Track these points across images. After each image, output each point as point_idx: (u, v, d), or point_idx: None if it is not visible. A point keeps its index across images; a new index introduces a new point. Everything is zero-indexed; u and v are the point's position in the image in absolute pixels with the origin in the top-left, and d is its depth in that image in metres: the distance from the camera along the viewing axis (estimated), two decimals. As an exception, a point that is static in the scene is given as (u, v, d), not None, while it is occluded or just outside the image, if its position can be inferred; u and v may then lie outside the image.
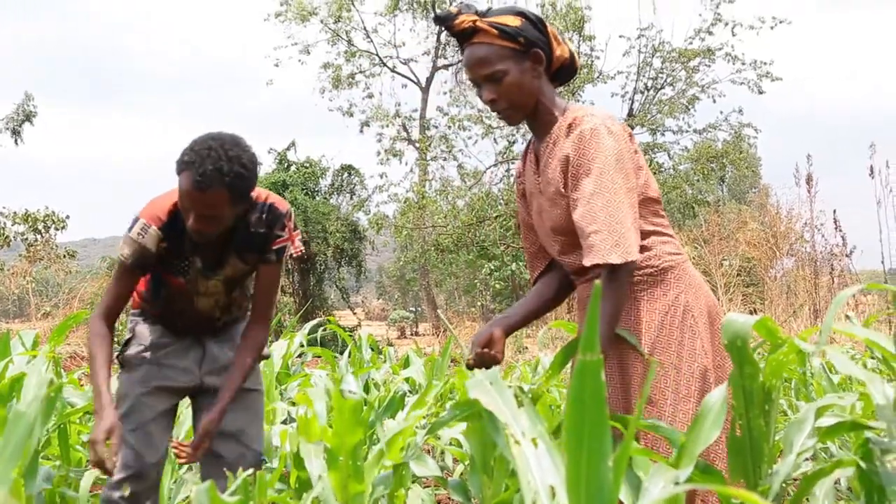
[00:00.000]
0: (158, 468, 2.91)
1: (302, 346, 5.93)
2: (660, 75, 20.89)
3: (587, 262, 2.17)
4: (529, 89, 2.34)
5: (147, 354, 2.95)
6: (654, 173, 20.50)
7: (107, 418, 2.57)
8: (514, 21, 2.32)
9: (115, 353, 2.94)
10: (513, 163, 22.24)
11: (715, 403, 1.91)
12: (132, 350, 2.96)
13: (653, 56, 20.59)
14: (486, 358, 2.39)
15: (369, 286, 46.34)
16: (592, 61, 20.79)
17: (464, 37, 2.37)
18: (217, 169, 2.51)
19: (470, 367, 2.43)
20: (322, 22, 26.17)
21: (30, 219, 21.36)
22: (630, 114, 20.90)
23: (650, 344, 2.28)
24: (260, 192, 2.81)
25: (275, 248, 2.84)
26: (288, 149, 25.12)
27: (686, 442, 1.86)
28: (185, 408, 3.67)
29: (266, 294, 2.92)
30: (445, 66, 27.51)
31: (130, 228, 2.73)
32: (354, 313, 27.13)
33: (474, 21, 2.33)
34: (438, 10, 2.70)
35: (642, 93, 20.93)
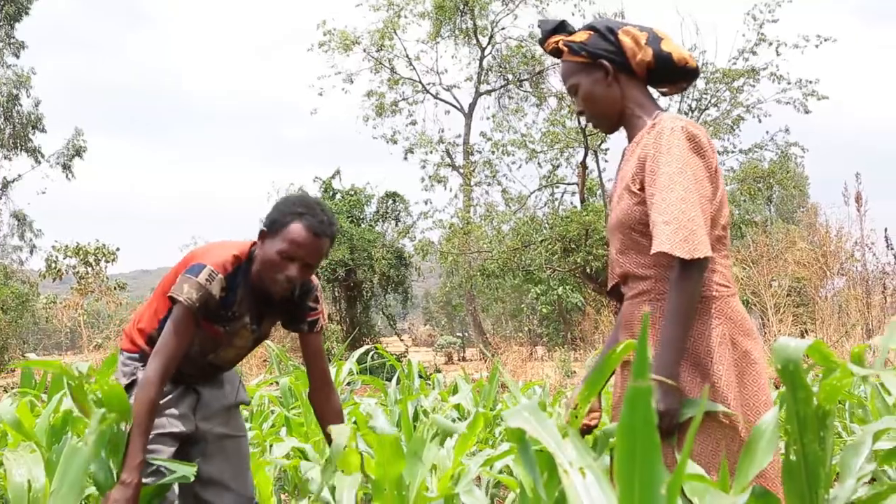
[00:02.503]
0: None
1: (351, 373, 5.94)
2: (704, 96, 20.77)
3: (653, 249, 2.15)
4: (604, 98, 2.42)
5: None
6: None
7: (131, 499, 2.50)
8: (581, 36, 2.43)
9: None
10: (557, 187, 22.21)
11: (767, 428, 1.88)
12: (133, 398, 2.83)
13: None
14: (581, 428, 2.39)
15: (416, 312, 46.40)
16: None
17: (557, 56, 2.51)
18: (329, 219, 2.71)
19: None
20: (365, 51, 26.44)
21: (81, 252, 21.71)
22: (674, 135, 20.77)
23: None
24: None
25: (309, 319, 2.98)
26: (333, 177, 25.36)
27: (739, 467, 1.84)
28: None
29: (322, 359, 3.07)
30: (488, 92, 27.64)
31: (197, 274, 2.70)
32: (402, 340, 27.18)
33: (557, 42, 2.48)
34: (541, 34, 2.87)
35: (686, 114, 20.81)
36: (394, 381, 6.02)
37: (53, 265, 22.23)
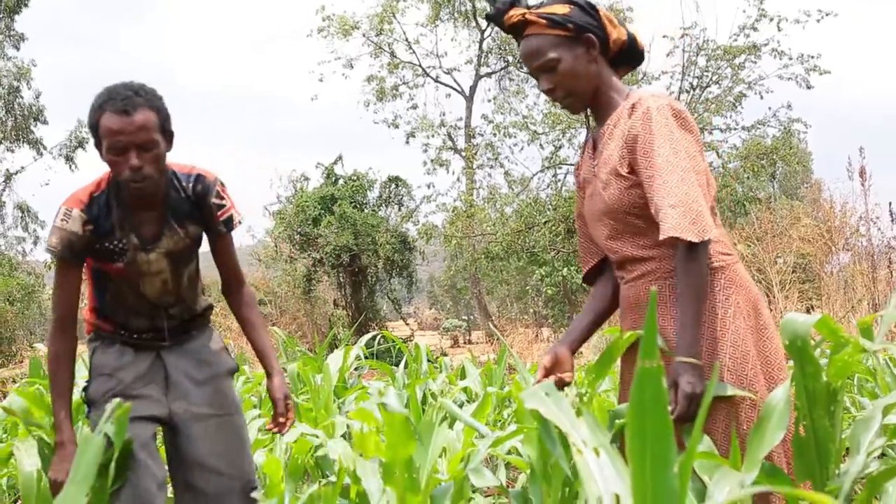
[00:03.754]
0: (163, 494, 2.72)
1: (358, 358, 5.95)
2: (705, 74, 20.67)
3: (662, 235, 2.12)
4: (585, 75, 2.35)
5: (112, 385, 2.76)
6: (704, 172, 20.42)
7: (69, 457, 2.47)
8: (562, 9, 2.35)
9: (81, 391, 2.86)
10: (559, 168, 22.17)
11: (778, 404, 1.88)
12: (96, 386, 2.79)
13: (697, 55, 20.39)
14: (555, 382, 2.35)
15: (421, 296, 46.38)
16: (636, 62, 20.59)
17: (516, 31, 2.40)
18: (134, 92, 2.52)
19: None
20: (364, 35, 26.34)
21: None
22: (676, 113, 20.68)
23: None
24: (184, 164, 2.78)
25: (222, 219, 2.80)
26: (335, 163, 25.31)
27: (749, 444, 1.84)
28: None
29: (233, 258, 2.96)
30: (489, 74, 27.55)
31: (55, 219, 2.65)
32: (407, 324, 27.19)
33: (523, 14, 2.37)
34: (488, 10, 2.82)
35: (688, 92, 20.73)
36: (401, 365, 6.03)
37: (59, 256, 22.22)
